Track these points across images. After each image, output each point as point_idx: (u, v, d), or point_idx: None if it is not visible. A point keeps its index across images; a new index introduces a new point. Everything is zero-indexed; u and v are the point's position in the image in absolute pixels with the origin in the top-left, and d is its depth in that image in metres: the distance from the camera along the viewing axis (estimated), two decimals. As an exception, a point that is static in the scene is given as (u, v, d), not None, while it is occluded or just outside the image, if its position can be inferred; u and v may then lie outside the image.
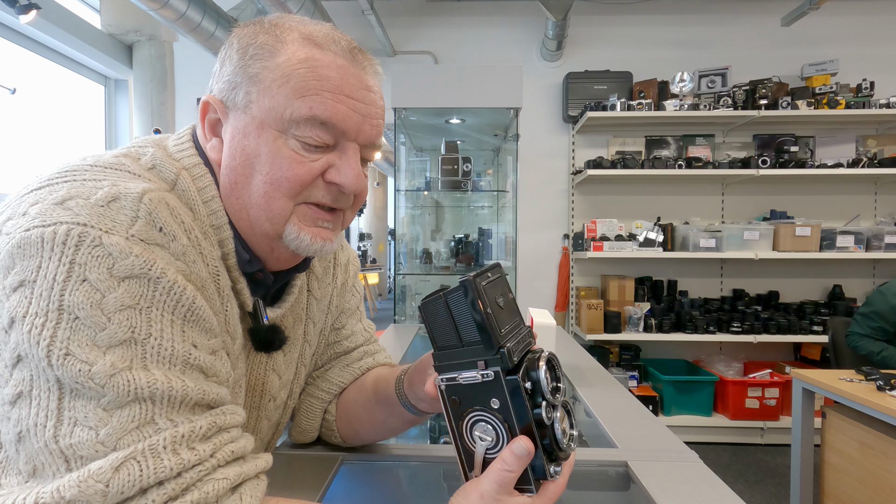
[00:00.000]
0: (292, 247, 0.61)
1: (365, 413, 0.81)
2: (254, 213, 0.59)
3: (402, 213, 3.29)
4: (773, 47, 3.69)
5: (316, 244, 0.61)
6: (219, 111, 0.60)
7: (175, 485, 0.45)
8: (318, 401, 0.84)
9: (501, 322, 0.49)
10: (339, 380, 0.84)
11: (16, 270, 0.45)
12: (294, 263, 0.67)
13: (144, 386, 0.45)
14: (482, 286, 0.48)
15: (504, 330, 0.49)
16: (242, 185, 0.59)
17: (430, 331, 0.51)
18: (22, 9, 2.52)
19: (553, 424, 0.47)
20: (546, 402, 0.47)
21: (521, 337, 0.50)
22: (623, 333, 3.37)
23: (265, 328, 0.66)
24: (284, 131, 0.57)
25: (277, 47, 0.58)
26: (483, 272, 0.49)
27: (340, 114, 0.58)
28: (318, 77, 0.57)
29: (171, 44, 3.83)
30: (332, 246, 0.63)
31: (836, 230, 3.31)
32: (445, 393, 0.50)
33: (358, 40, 2.84)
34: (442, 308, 0.49)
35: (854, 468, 1.84)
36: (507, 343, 0.47)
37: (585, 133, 3.74)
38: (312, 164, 0.58)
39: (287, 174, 0.57)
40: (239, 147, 0.58)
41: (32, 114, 3.25)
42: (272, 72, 0.57)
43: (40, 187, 0.50)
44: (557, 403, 0.48)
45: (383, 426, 0.80)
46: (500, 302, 0.50)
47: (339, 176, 0.59)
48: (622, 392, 1.24)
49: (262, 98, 0.57)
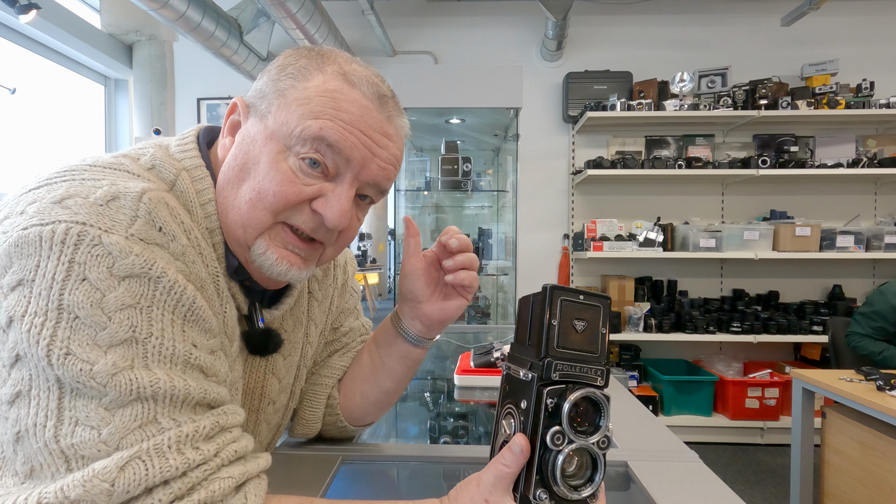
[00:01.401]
0: (257, 262, 0.59)
1: (369, 372, 0.82)
2: (232, 216, 0.59)
3: (402, 213, 3.29)
4: (773, 47, 3.69)
5: (281, 266, 0.59)
6: (242, 114, 0.61)
7: (181, 484, 0.45)
8: (321, 388, 0.83)
9: (566, 341, 0.49)
10: (340, 363, 0.85)
11: (14, 269, 0.45)
12: (274, 286, 0.67)
13: (147, 385, 0.45)
14: (559, 299, 0.49)
15: (564, 348, 0.49)
16: (232, 186, 0.59)
17: (517, 322, 0.54)
18: (22, 9, 2.52)
19: (557, 454, 0.47)
20: (559, 429, 0.47)
21: (584, 367, 0.50)
22: (623, 333, 3.37)
23: (258, 332, 0.66)
24: (289, 147, 0.57)
25: (313, 73, 0.58)
26: (575, 291, 0.50)
27: (348, 142, 0.57)
28: (338, 108, 0.57)
29: (171, 44, 3.83)
30: (299, 273, 0.61)
31: (836, 230, 3.31)
32: (503, 379, 0.53)
33: (358, 40, 2.83)
34: (527, 306, 0.52)
35: (854, 468, 1.84)
36: (557, 360, 0.48)
37: (585, 133, 3.74)
38: (304, 187, 0.57)
39: (275, 188, 0.57)
40: (243, 150, 0.59)
41: (32, 114, 3.25)
42: (298, 91, 0.57)
43: (39, 186, 0.50)
44: (575, 441, 0.48)
45: (388, 378, 0.81)
46: (578, 326, 0.50)
47: (325, 207, 0.58)
48: (622, 392, 1.24)
49: (279, 111, 0.58)
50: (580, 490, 0.48)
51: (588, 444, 0.48)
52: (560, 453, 0.47)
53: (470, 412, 1.38)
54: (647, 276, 3.70)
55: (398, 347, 0.78)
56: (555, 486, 0.48)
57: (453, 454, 0.87)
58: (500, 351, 1.26)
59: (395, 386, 0.83)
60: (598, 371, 0.50)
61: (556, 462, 0.47)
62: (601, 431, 0.49)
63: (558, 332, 0.49)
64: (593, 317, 0.51)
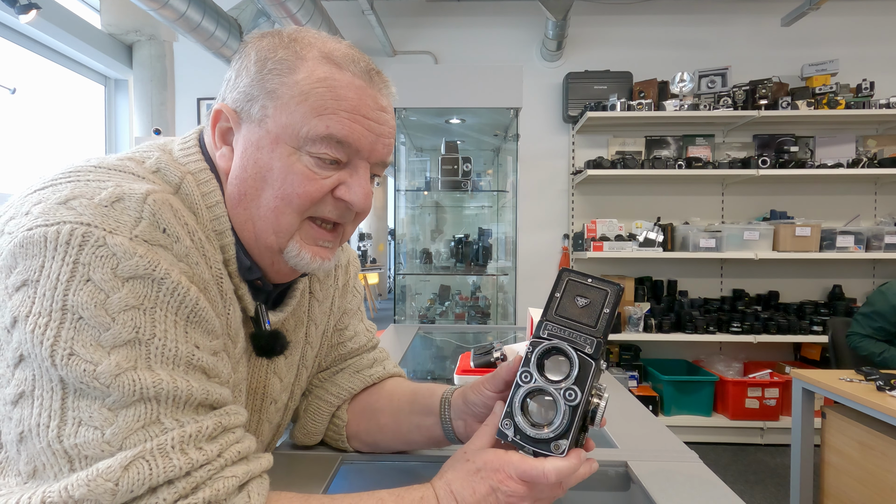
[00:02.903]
0: (291, 263, 0.62)
1: (391, 421, 0.80)
2: (260, 226, 0.60)
3: (402, 213, 3.29)
4: (773, 47, 3.69)
5: (315, 263, 0.63)
6: (231, 121, 0.60)
7: (185, 483, 0.46)
8: (326, 404, 0.83)
9: (564, 311, 0.58)
10: (349, 385, 0.84)
11: (18, 270, 0.45)
12: (291, 278, 0.68)
13: (150, 386, 0.46)
14: (566, 278, 0.59)
15: (561, 316, 0.58)
16: (252, 197, 0.59)
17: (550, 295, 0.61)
18: (22, 9, 2.52)
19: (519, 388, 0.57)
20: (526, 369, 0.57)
21: (574, 334, 0.57)
22: (623, 333, 3.37)
23: (266, 334, 0.66)
24: (299, 148, 0.57)
25: (297, 64, 0.58)
26: (585, 275, 0.59)
27: (356, 133, 0.58)
28: (336, 97, 0.57)
29: (171, 44, 3.83)
30: (329, 265, 0.65)
31: (836, 230, 3.31)
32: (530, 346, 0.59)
33: (358, 40, 2.84)
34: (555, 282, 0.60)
35: (854, 468, 1.84)
36: (551, 323, 0.58)
37: (585, 133, 3.75)
38: (324, 181, 0.59)
39: (298, 190, 0.58)
40: (251, 159, 0.59)
41: (32, 114, 3.25)
42: (290, 88, 0.57)
43: (44, 187, 0.50)
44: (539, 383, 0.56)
45: (405, 438, 0.80)
46: (580, 302, 0.58)
47: (350, 194, 0.60)
48: (622, 392, 1.24)
49: (278, 114, 0.57)
50: (538, 428, 0.55)
51: (550, 388, 0.56)
52: (521, 388, 0.56)
53: (470, 412, 1.37)
54: (647, 276, 3.70)
55: (434, 432, 0.76)
56: (516, 417, 0.56)
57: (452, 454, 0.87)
58: (500, 351, 1.26)
59: (404, 448, 0.83)
60: (588, 340, 0.56)
61: (517, 395, 0.57)
62: (567, 381, 0.55)
63: (559, 303, 0.59)
64: (597, 297, 0.58)
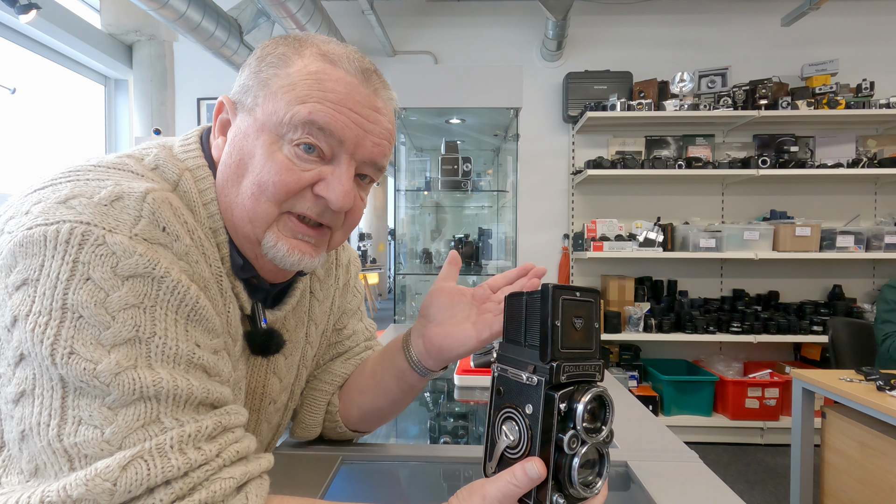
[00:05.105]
0: (269, 256, 0.60)
1: (370, 379, 0.82)
2: (238, 213, 0.59)
3: (402, 213, 3.29)
4: (773, 47, 3.69)
5: (293, 256, 0.60)
6: (229, 112, 0.62)
7: (182, 484, 0.45)
8: (321, 393, 0.84)
9: (568, 341, 0.49)
10: (341, 371, 0.85)
11: (18, 269, 0.45)
12: (285, 277, 0.67)
13: (150, 384, 0.46)
14: (560, 298, 0.49)
15: (567, 349, 0.49)
16: (233, 184, 0.59)
17: (505, 322, 0.53)
18: (22, 9, 2.52)
19: (573, 458, 0.47)
20: (574, 433, 0.47)
21: (585, 365, 0.50)
22: (623, 333, 3.37)
23: (261, 332, 0.66)
24: (282, 136, 0.57)
25: (293, 58, 0.59)
26: (572, 288, 0.50)
27: (339, 122, 0.57)
28: (324, 88, 0.57)
29: (171, 44, 3.83)
30: (311, 261, 0.62)
31: (836, 230, 3.31)
32: (496, 381, 0.52)
33: (358, 40, 2.83)
34: (520, 305, 0.51)
35: (854, 468, 1.84)
36: (563, 362, 0.48)
37: (585, 133, 3.75)
38: (303, 173, 0.57)
39: (275, 178, 0.57)
40: (237, 146, 0.59)
41: (32, 114, 3.25)
42: (281, 79, 0.58)
43: (44, 187, 0.50)
44: (588, 441, 0.48)
45: (383, 388, 0.80)
46: (577, 324, 0.50)
47: (327, 190, 0.58)
48: (622, 392, 1.24)
49: (266, 102, 0.58)
50: (592, 487, 0.49)
51: (599, 442, 0.49)
52: (576, 456, 0.47)
53: (470, 412, 1.38)
54: (647, 276, 3.70)
55: (398, 363, 0.77)
56: (571, 490, 0.47)
57: (453, 454, 0.87)
58: (500, 351, 1.26)
59: (389, 407, 0.82)
60: (596, 367, 0.50)
61: (572, 466, 0.47)
62: (607, 428, 0.49)
63: (561, 332, 0.48)
64: (588, 313, 0.51)
